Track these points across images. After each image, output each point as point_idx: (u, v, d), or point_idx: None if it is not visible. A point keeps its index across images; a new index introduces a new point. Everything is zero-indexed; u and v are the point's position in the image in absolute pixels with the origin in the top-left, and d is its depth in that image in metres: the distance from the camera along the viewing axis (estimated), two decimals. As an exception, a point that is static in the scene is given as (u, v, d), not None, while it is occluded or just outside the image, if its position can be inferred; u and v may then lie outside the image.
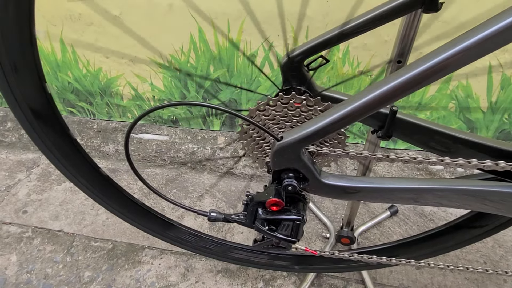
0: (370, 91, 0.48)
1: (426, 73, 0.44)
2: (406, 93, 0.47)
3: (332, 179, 0.59)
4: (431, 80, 0.45)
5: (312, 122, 0.52)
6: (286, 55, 0.73)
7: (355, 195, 0.61)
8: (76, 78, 1.49)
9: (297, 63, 0.73)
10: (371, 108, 0.49)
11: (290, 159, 0.55)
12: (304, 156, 0.55)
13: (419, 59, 0.45)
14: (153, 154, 1.59)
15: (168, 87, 1.45)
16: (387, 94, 0.47)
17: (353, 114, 0.49)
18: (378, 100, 0.48)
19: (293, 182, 0.57)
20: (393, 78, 0.46)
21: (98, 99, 1.56)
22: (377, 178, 0.60)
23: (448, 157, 0.66)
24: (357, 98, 0.49)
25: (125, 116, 1.60)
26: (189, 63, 1.35)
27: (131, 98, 1.53)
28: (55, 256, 1.29)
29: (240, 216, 0.64)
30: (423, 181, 0.61)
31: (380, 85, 0.47)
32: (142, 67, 1.40)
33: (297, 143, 0.53)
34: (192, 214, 1.41)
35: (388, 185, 0.60)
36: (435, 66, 0.44)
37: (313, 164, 0.57)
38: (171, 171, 1.59)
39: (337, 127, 0.51)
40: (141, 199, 1.46)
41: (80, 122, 1.65)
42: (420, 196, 0.61)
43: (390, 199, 0.62)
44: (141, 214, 0.94)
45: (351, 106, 0.49)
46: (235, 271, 1.22)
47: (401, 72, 0.46)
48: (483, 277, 1.19)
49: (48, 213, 1.43)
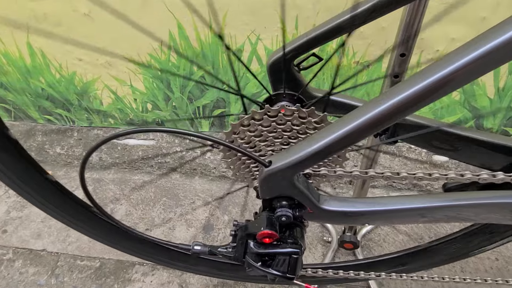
0: (382, 100, 0.38)
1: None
2: (427, 100, 0.37)
3: (333, 204, 0.49)
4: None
5: (307, 143, 0.42)
6: (273, 54, 0.63)
7: (360, 219, 0.51)
8: (49, 83, 1.38)
9: (286, 63, 0.63)
10: (382, 121, 0.39)
11: (281, 187, 0.46)
12: (299, 181, 0.46)
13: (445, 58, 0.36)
14: (140, 160, 1.49)
15: (150, 89, 1.34)
16: (407, 102, 0.37)
17: (359, 130, 0.39)
18: (394, 109, 0.37)
19: (287, 212, 0.47)
20: (410, 84, 0.36)
21: (76, 105, 1.45)
22: (384, 198, 0.51)
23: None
24: (366, 110, 0.39)
25: (107, 121, 1.49)
26: (170, 62, 1.24)
27: (111, 102, 1.42)
28: (39, 279, 1.20)
29: (227, 249, 0.55)
30: (437, 198, 0.52)
31: (397, 92, 0.37)
32: (119, 68, 1.29)
33: (289, 169, 0.43)
34: (184, 224, 1.32)
35: (399, 206, 0.51)
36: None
37: (309, 190, 0.48)
38: (160, 178, 1.49)
39: (339, 147, 0.41)
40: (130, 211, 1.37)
41: (59, 130, 1.54)
42: (435, 215, 0.53)
43: (401, 219, 0.53)
44: (87, 218, 0.78)
45: (358, 120, 0.39)
46: (232, 284, 1.14)
47: (419, 77, 0.36)
48: (496, 275, 1.12)
49: (30, 232, 1.33)
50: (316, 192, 0.49)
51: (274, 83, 0.66)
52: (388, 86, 0.73)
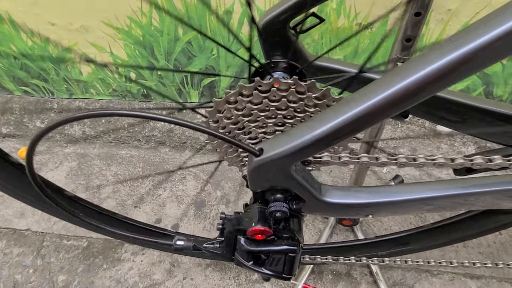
0: (406, 72, 0.29)
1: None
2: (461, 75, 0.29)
3: (336, 195, 0.42)
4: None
5: (308, 126, 0.34)
6: (265, 15, 0.53)
7: (365, 211, 0.44)
8: (21, 52, 1.25)
9: (281, 25, 0.53)
10: (407, 98, 0.30)
11: (275, 178, 0.38)
12: (296, 171, 0.38)
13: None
14: (126, 134, 1.40)
15: (132, 56, 1.22)
16: (442, 73, 0.28)
17: (377, 110, 0.31)
18: (424, 82, 0.29)
19: (282, 207, 0.40)
20: (441, 53, 0.28)
21: (53, 75, 1.33)
22: (390, 188, 0.44)
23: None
24: (384, 85, 0.30)
25: (88, 92, 1.38)
26: (152, 25, 1.12)
27: (91, 72, 1.30)
28: (24, 259, 1.14)
29: (215, 245, 0.48)
30: (446, 186, 0.45)
31: (426, 61, 0.28)
32: (96, 33, 1.16)
33: (285, 159, 0.35)
34: (175, 201, 1.26)
35: (407, 197, 0.44)
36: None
37: (309, 180, 0.40)
38: (148, 152, 1.41)
39: (348, 131, 0.33)
40: (115, 191, 1.30)
41: (38, 102, 1.43)
42: (442, 203, 0.46)
43: (407, 210, 0.46)
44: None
45: (371, 101, 0.30)
46: (226, 263, 1.10)
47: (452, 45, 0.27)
48: (499, 250, 1.08)
49: (12, 210, 1.27)
50: (317, 182, 0.41)
51: (267, 49, 0.56)
52: (399, 51, 0.63)
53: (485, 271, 1.03)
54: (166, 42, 1.15)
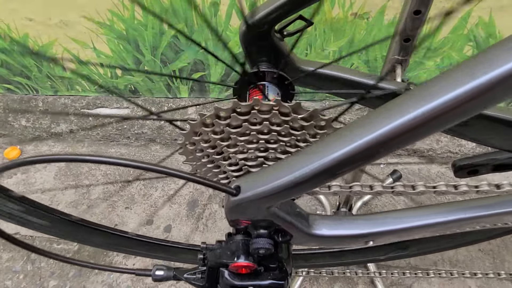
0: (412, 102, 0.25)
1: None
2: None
3: (326, 227, 0.38)
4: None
5: (290, 165, 0.29)
6: (245, 21, 0.48)
7: (360, 240, 0.40)
8: (0, 48, 1.19)
9: (265, 29, 0.48)
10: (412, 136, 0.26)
11: (255, 215, 0.34)
12: (279, 207, 0.34)
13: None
14: (115, 131, 1.35)
15: (117, 52, 1.16)
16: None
17: (374, 147, 0.26)
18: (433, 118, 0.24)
19: (265, 244, 0.36)
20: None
21: (35, 72, 1.27)
22: (389, 213, 0.40)
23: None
24: (387, 114, 0.26)
25: (74, 89, 1.32)
26: (135, 19, 1.05)
27: (75, 68, 1.24)
28: (14, 265, 1.12)
29: (196, 275, 0.44)
30: (452, 209, 0.41)
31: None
32: (77, 28, 1.10)
33: (266, 199, 0.31)
34: (167, 201, 1.23)
35: (409, 224, 0.39)
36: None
37: (295, 214, 0.36)
38: (138, 150, 1.36)
39: (338, 172, 0.28)
40: (107, 188, 1.26)
41: (22, 100, 1.38)
42: (453, 227, 0.42)
43: (408, 235, 0.42)
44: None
45: (371, 135, 0.26)
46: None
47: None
48: (499, 246, 1.06)
49: (0, 214, 1.23)
50: (304, 214, 0.37)
51: (250, 55, 0.51)
52: (397, 52, 0.58)
53: (485, 269, 1.01)
54: (151, 36, 1.09)
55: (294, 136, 0.37)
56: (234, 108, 0.36)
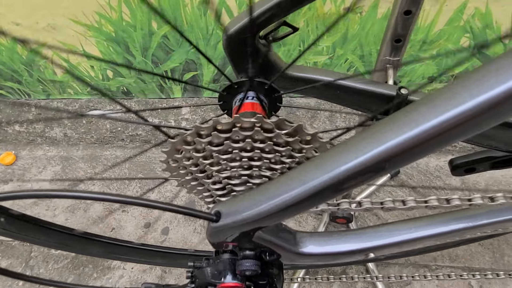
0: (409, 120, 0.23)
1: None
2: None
3: (314, 244, 0.37)
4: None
5: (277, 186, 0.28)
6: (230, 25, 0.46)
7: (350, 257, 0.39)
8: (-12, 54, 1.17)
9: (250, 35, 0.46)
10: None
11: (239, 240, 0.33)
12: (264, 231, 0.32)
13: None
14: (109, 134, 1.34)
15: (107, 54, 1.14)
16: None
17: (358, 172, 0.25)
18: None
19: (252, 266, 0.35)
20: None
21: (26, 76, 1.25)
22: (381, 227, 0.39)
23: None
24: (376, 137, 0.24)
25: (66, 92, 1.31)
26: (124, 21, 1.03)
27: (65, 71, 1.22)
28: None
29: (185, 293, 0.43)
30: (446, 220, 0.40)
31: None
32: (65, 31, 1.08)
33: (247, 226, 0.29)
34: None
35: (403, 238, 0.38)
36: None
37: (281, 235, 0.34)
38: (133, 152, 1.35)
39: (325, 196, 0.27)
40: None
41: (14, 105, 1.36)
42: (449, 237, 0.41)
43: (400, 248, 0.41)
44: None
45: (358, 159, 0.24)
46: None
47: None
48: (499, 240, 1.05)
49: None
50: (290, 233, 0.36)
51: (236, 63, 0.50)
52: (388, 53, 0.56)
53: (485, 264, 1.00)
54: (140, 37, 1.07)
55: (279, 153, 0.36)
56: (214, 126, 0.35)
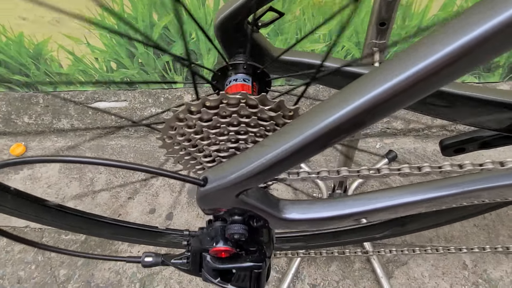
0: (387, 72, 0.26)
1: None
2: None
3: (297, 211, 0.40)
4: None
5: (256, 150, 0.31)
6: (220, 12, 0.49)
7: (334, 222, 0.42)
8: (-3, 48, 1.21)
9: (238, 21, 0.49)
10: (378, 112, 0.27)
11: (226, 203, 0.36)
12: (248, 195, 0.36)
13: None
14: (114, 124, 1.38)
15: (110, 46, 1.17)
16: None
17: (337, 129, 0.27)
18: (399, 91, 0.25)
19: (240, 229, 0.38)
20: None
21: (33, 70, 1.30)
22: (362, 195, 0.42)
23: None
24: (349, 94, 0.27)
25: (72, 84, 1.35)
26: (125, 13, 1.06)
27: (71, 64, 1.26)
28: (26, 256, 1.17)
29: (182, 260, 0.47)
30: (422, 189, 0.43)
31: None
32: (70, 25, 1.11)
33: (232, 188, 0.33)
34: (168, 189, 1.26)
35: (381, 204, 0.41)
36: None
37: (264, 200, 0.38)
38: (138, 141, 1.40)
39: (304, 155, 0.30)
40: (110, 179, 1.30)
41: (23, 97, 1.41)
42: (419, 207, 0.44)
43: (387, 214, 0.44)
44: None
45: (334, 116, 0.27)
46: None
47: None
48: (494, 221, 1.07)
49: (10, 209, 1.28)
50: (274, 200, 0.39)
51: (227, 48, 0.53)
52: (374, 36, 0.59)
53: (480, 244, 1.02)
54: (142, 28, 1.10)
55: (263, 127, 0.39)
56: (203, 103, 0.38)
